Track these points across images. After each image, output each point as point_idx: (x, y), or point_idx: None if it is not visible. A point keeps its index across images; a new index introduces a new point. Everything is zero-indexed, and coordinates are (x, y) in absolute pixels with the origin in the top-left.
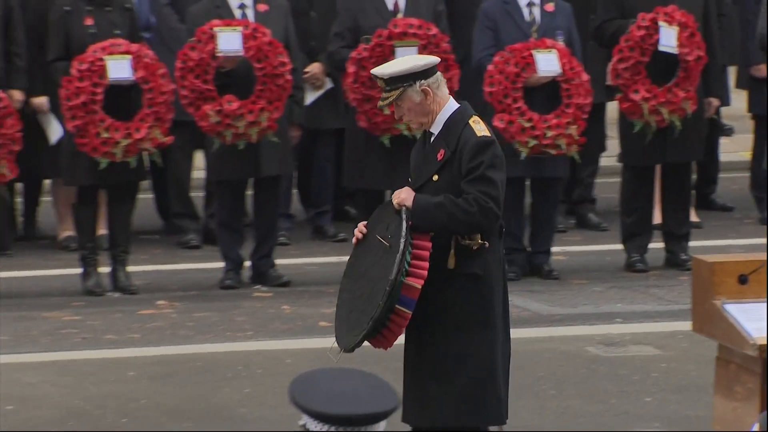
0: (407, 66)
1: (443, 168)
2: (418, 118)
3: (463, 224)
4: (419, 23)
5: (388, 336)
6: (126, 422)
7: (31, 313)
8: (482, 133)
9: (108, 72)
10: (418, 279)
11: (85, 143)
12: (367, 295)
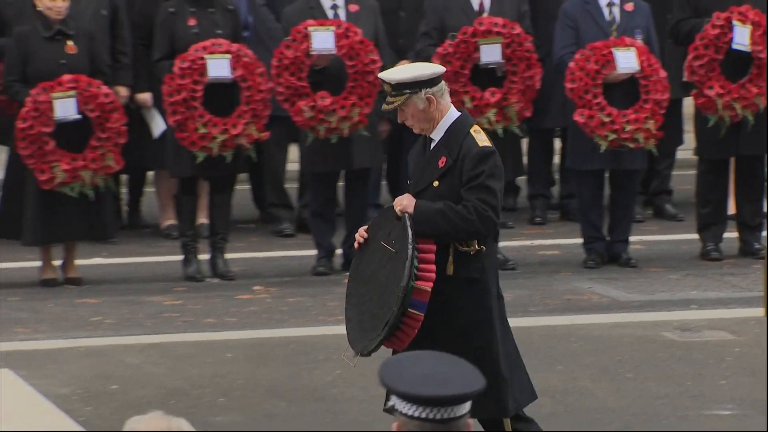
0: (414, 74)
1: (445, 175)
2: (421, 123)
3: (463, 231)
4: (504, 22)
5: (402, 338)
6: (223, 401)
7: (136, 298)
8: (484, 143)
9: (208, 70)
10: (427, 282)
11: (185, 137)
12: (377, 299)
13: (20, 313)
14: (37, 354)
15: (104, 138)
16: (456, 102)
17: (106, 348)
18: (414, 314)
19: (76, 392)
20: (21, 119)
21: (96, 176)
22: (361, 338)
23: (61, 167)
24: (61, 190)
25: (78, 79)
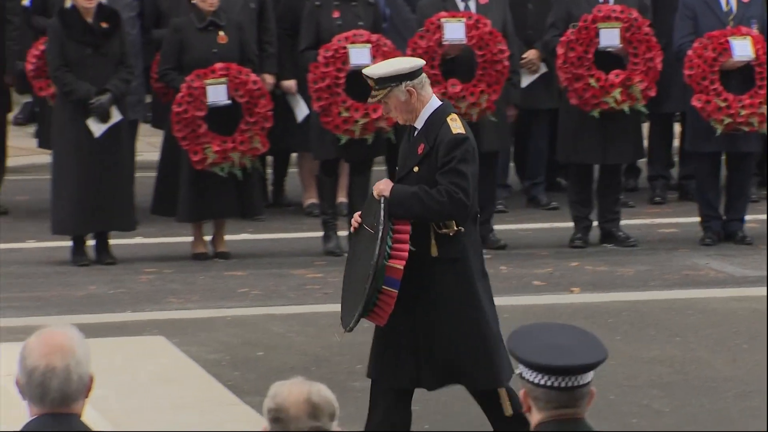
0: (394, 68)
1: (423, 161)
2: (403, 115)
3: (435, 213)
4: (621, 8)
5: (380, 313)
6: (360, 368)
7: (280, 271)
8: (457, 130)
9: (350, 58)
10: (399, 261)
11: (329, 121)
12: (360, 279)
13: (174, 284)
14: (189, 322)
15: (252, 122)
16: (582, 85)
17: (252, 317)
18: (388, 291)
19: (225, 358)
20: (176, 104)
21: (244, 157)
22: (347, 315)
23: (212, 149)
24: (212, 170)
25: (229, 67)
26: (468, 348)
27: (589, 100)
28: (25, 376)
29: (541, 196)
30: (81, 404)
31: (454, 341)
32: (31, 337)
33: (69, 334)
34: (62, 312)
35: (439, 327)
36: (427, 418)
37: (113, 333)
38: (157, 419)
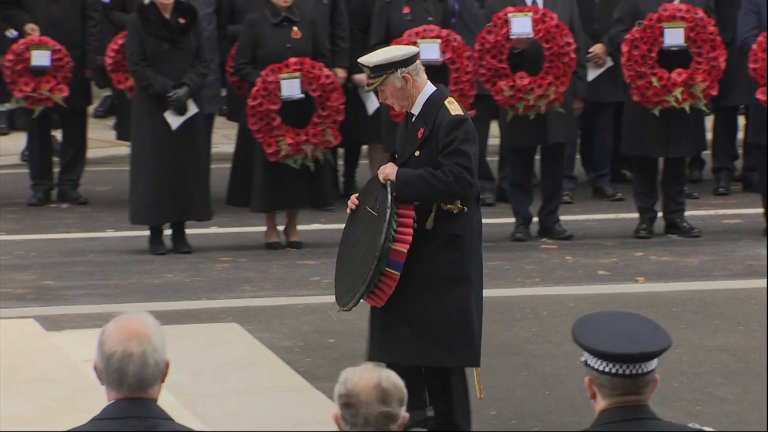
0: (389, 56)
1: (423, 145)
2: (400, 101)
3: (441, 193)
4: (687, 8)
5: (380, 294)
6: None
7: None
8: (456, 112)
9: (420, 54)
10: (404, 244)
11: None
12: (360, 259)
13: (248, 273)
14: (262, 310)
15: (325, 115)
16: (644, 83)
17: (323, 305)
18: (391, 273)
19: (297, 345)
20: (251, 98)
21: (316, 150)
22: (344, 295)
23: (285, 141)
24: (285, 162)
25: (303, 61)
26: (452, 324)
27: (650, 98)
28: (103, 362)
29: (607, 188)
30: (157, 389)
31: (438, 316)
32: (109, 323)
33: (145, 320)
34: (140, 299)
35: (424, 300)
36: (495, 404)
37: (189, 320)
38: (230, 404)
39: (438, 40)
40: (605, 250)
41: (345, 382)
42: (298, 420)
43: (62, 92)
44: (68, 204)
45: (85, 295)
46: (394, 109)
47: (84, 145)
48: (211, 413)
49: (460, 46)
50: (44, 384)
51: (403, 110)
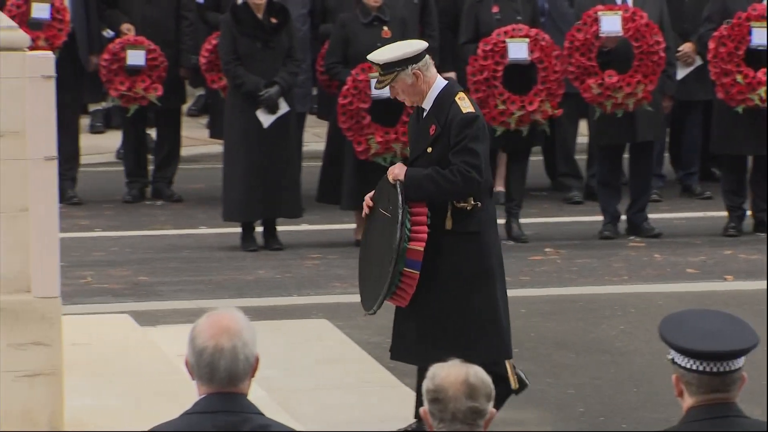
0: (399, 53)
1: (435, 141)
2: (411, 97)
3: (449, 192)
4: None
5: (403, 295)
6: (517, 352)
7: None
8: (467, 109)
9: (508, 52)
10: (419, 242)
11: (485, 113)
12: (379, 262)
13: (338, 269)
14: (352, 306)
15: None
16: (729, 80)
17: None
18: (410, 273)
19: (386, 341)
20: (342, 96)
21: (405, 148)
22: (368, 299)
23: (375, 139)
24: (374, 159)
25: None
26: (478, 321)
27: (734, 95)
28: (195, 357)
29: (695, 186)
30: (247, 384)
31: (465, 314)
32: (200, 319)
33: (235, 316)
34: (232, 295)
35: (452, 299)
36: (582, 401)
37: (280, 316)
38: (320, 399)
39: (526, 39)
40: (694, 249)
41: (433, 378)
42: (387, 415)
43: (156, 91)
44: (162, 201)
45: (178, 291)
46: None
47: (178, 143)
48: (301, 408)
49: (549, 45)
50: (137, 378)
51: (414, 105)
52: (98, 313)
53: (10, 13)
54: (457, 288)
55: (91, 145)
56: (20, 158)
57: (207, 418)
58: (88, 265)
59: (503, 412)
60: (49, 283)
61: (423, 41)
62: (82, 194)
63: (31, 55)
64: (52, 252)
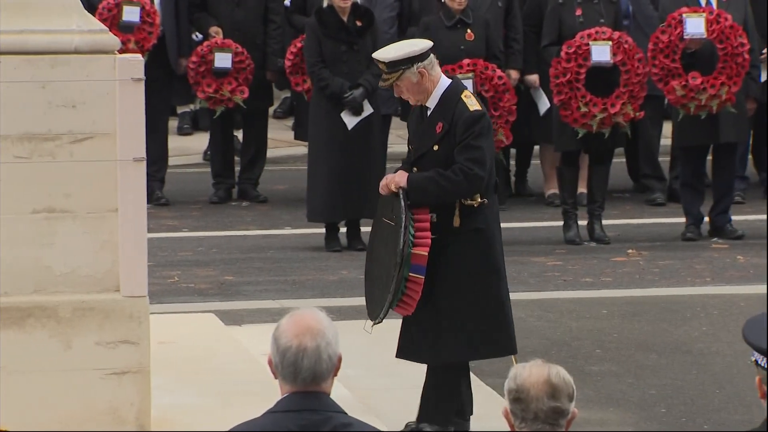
0: (405, 51)
1: (442, 140)
2: (416, 96)
3: (452, 193)
4: None
5: (409, 302)
6: (599, 353)
7: (521, 258)
8: (474, 107)
9: (591, 55)
10: (423, 248)
11: (568, 115)
12: (385, 270)
13: None
14: None
15: (497, 116)
16: None
17: None
18: (415, 278)
19: None
20: None
21: None
22: (375, 308)
23: None
24: None
25: (476, 62)
26: (487, 318)
27: None
28: (278, 356)
29: None
30: (330, 383)
31: (473, 311)
32: (283, 319)
33: (317, 316)
34: (315, 295)
35: (460, 297)
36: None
37: (363, 316)
38: (402, 398)
39: (609, 42)
40: None
41: (515, 378)
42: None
43: (243, 93)
44: (248, 202)
45: (262, 291)
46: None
47: (264, 145)
48: (382, 407)
49: (632, 48)
50: (222, 377)
51: (418, 104)
52: (184, 312)
53: (101, 16)
54: (464, 285)
55: (179, 146)
56: (110, 159)
57: (290, 416)
58: (174, 264)
59: (585, 412)
60: (137, 282)
61: (428, 40)
62: (170, 195)
63: (121, 58)
64: (140, 252)
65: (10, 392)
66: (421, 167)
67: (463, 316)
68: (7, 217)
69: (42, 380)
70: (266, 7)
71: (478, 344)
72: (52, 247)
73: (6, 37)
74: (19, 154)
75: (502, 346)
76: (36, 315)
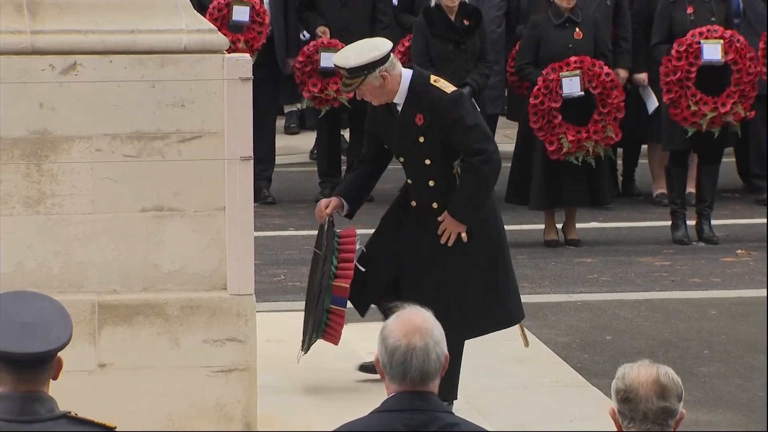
0: (367, 57)
1: (427, 130)
2: (379, 98)
3: (487, 186)
4: None
5: (333, 333)
6: (707, 354)
7: (628, 258)
8: (449, 89)
9: (702, 53)
10: (345, 279)
11: (677, 113)
12: (311, 301)
13: (526, 269)
14: (541, 306)
15: (605, 112)
16: None
17: (601, 302)
18: (336, 310)
19: (574, 341)
20: (533, 96)
21: (598, 146)
22: (304, 337)
23: (567, 138)
24: (567, 158)
25: (583, 59)
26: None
27: None
28: (387, 356)
29: None
30: (437, 383)
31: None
32: (390, 318)
33: (425, 315)
34: None
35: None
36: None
37: None
38: (508, 398)
39: (721, 40)
40: None
41: (623, 378)
42: (575, 415)
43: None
44: None
45: None
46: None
47: None
48: (489, 407)
49: (743, 47)
50: (328, 375)
51: (383, 103)
52: (290, 310)
53: (211, 16)
54: (462, 261)
55: (286, 145)
56: (218, 158)
57: (397, 416)
58: (281, 263)
59: (693, 413)
60: (244, 280)
61: (387, 40)
62: (277, 194)
63: (229, 58)
64: (247, 250)
65: (119, 389)
66: (409, 162)
67: (473, 292)
68: (117, 215)
69: (150, 378)
70: (374, 7)
71: (491, 318)
72: (161, 246)
73: (117, 37)
74: (128, 153)
75: (514, 315)
76: (145, 313)
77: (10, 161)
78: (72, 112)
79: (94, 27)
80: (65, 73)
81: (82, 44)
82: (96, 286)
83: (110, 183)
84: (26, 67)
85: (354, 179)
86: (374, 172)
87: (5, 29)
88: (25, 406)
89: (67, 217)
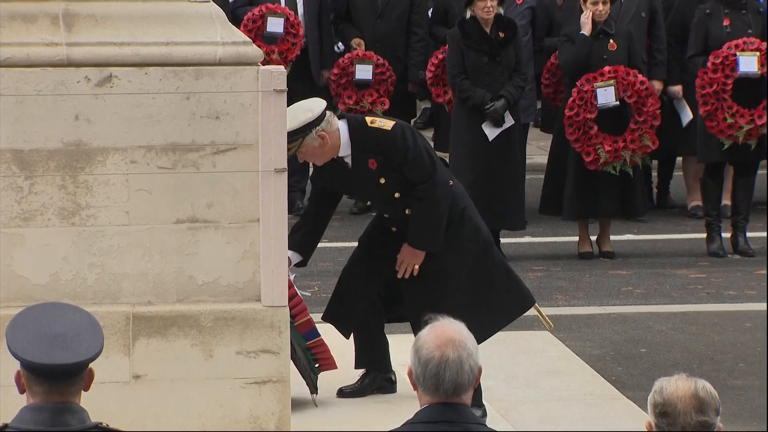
0: (300, 120)
1: (384, 171)
2: (322, 158)
3: (440, 214)
4: None
5: (326, 362)
6: (742, 366)
7: (663, 271)
8: (388, 125)
9: (738, 66)
10: (302, 315)
11: (713, 126)
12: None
13: (560, 282)
14: (574, 319)
15: (641, 121)
16: None
17: (635, 315)
18: (314, 343)
19: (608, 354)
20: (568, 108)
21: (635, 155)
22: (307, 381)
23: (604, 148)
24: (604, 168)
25: (617, 69)
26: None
27: None
28: (420, 367)
29: None
30: (469, 395)
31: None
32: (423, 330)
33: (458, 327)
34: None
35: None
36: None
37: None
38: (542, 410)
39: (757, 53)
40: None
41: (661, 391)
42: (608, 427)
43: (383, 105)
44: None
45: None
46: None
47: None
48: (522, 419)
49: None
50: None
51: (326, 161)
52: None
53: (246, 27)
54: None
55: None
56: (252, 170)
57: (430, 428)
58: (315, 275)
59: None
60: (278, 292)
61: (320, 100)
62: None
63: (263, 69)
64: (281, 262)
65: (153, 400)
66: (378, 203)
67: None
68: (151, 227)
69: (183, 389)
70: (409, 19)
71: (498, 313)
72: (195, 257)
73: (152, 49)
74: (163, 164)
75: (523, 305)
76: (179, 324)
77: (46, 173)
78: (107, 124)
79: (130, 39)
80: (101, 85)
81: (117, 56)
82: (130, 298)
83: (145, 195)
84: (62, 79)
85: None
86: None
87: (41, 41)
88: (56, 417)
89: (102, 229)
